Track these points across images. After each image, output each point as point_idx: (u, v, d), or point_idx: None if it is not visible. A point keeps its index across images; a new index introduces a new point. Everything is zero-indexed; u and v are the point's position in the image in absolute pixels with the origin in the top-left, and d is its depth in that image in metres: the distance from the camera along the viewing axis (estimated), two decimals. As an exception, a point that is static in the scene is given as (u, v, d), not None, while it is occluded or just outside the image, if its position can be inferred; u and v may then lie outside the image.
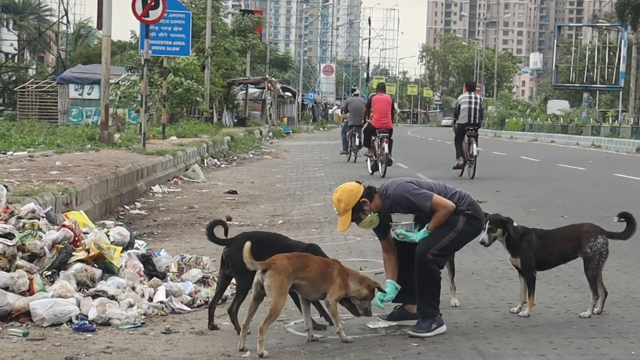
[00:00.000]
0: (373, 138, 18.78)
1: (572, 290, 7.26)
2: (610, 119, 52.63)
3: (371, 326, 5.86)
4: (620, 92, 62.64)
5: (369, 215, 5.95)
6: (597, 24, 70.98)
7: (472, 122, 17.93)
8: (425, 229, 5.98)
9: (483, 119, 18.98)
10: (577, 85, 62.18)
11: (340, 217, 5.97)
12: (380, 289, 5.86)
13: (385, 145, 18.18)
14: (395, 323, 6.06)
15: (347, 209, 5.90)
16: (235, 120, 40.40)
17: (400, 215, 6.10)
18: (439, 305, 5.99)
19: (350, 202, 5.91)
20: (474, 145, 17.63)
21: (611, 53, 62.69)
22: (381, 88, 20.20)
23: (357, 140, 22.88)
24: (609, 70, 61.56)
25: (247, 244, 5.44)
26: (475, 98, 18.24)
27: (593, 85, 61.24)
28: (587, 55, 65.27)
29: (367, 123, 19.40)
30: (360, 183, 6.07)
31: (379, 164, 18.81)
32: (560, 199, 14.34)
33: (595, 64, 62.57)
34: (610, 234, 6.49)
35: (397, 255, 6.14)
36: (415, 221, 6.10)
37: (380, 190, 6.03)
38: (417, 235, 5.99)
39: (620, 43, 60.00)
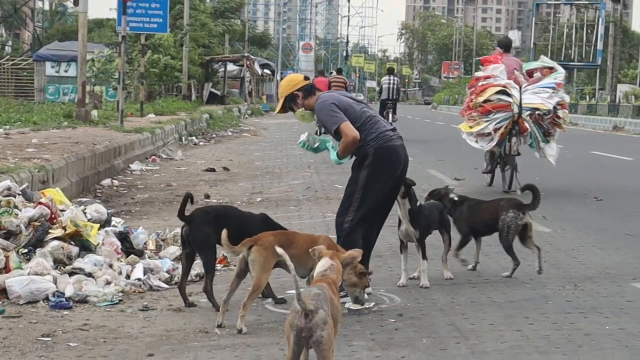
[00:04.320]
0: None
1: (548, 266, 7.30)
2: (588, 96, 52.84)
3: (352, 307, 5.84)
4: (598, 70, 62.91)
5: (301, 109, 6.23)
6: (575, 2, 71.04)
7: (390, 97, 23.66)
8: (336, 153, 6.14)
9: (399, 95, 24.87)
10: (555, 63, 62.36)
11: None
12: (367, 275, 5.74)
13: None
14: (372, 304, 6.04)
15: (281, 95, 6.28)
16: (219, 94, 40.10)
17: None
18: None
19: (286, 89, 6.25)
20: (391, 115, 23.26)
21: (589, 31, 62.82)
22: (321, 73, 27.74)
23: None
24: (587, 48, 61.67)
25: (224, 233, 5.39)
26: (394, 80, 23.97)
27: (571, 63, 61.27)
28: (565, 33, 65.37)
29: None
30: (307, 79, 6.30)
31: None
32: (537, 177, 14.41)
33: (573, 42, 62.66)
34: (523, 207, 6.96)
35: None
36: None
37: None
38: (333, 155, 6.16)
39: (598, 21, 60.15)
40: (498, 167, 12.60)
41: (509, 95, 11.75)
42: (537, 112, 11.84)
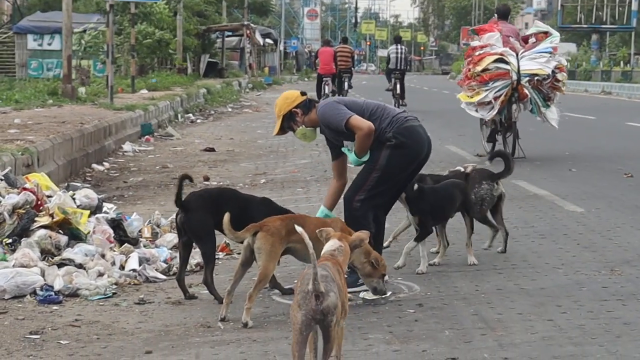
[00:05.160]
0: (323, 81, 25.97)
1: (581, 249, 7.29)
2: (622, 62, 52.58)
3: (367, 297, 5.84)
4: (632, 33, 62.58)
5: (301, 127, 6.33)
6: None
7: (398, 68, 24.85)
8: (354, 152, 6.21)
9: (408, 65, 25.98)
10: (585, 26, 61.85)
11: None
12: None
13: (327, 87, 25.68)
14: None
15: (279, 115, 6.36)
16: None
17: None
18: None
19: (282, 108, 6.33)
20: (398, 86, 24.65)
21: (622, -10, 62.39)
22: (326, 43, 28.43)
23: (326, 88, 26.46)
24: (620, 9, 61.30)
25: (226, 217, 5.39)
26: (401, 49, 25.19)
27: (602, 26, 60.93)
28: (596, -8, 64.96)
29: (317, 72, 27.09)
30: (304, 94, 6.36)
31: None
32: (568, 152, 14.38)
33: (605, 2, 62.27)
34: (496, 176, 7.14)
35: (344, 184, 6.45)
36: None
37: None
38: (351, 156, 6.27)
39: (633, -22, 59.73)
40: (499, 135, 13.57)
41: (506, 62, 12.71)
42: (536, 78, 12.72)
